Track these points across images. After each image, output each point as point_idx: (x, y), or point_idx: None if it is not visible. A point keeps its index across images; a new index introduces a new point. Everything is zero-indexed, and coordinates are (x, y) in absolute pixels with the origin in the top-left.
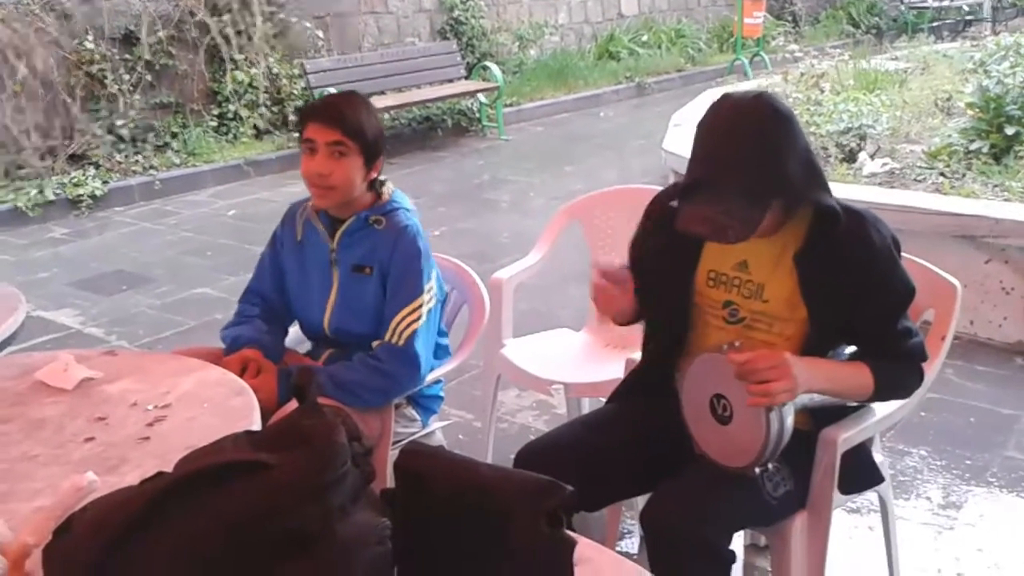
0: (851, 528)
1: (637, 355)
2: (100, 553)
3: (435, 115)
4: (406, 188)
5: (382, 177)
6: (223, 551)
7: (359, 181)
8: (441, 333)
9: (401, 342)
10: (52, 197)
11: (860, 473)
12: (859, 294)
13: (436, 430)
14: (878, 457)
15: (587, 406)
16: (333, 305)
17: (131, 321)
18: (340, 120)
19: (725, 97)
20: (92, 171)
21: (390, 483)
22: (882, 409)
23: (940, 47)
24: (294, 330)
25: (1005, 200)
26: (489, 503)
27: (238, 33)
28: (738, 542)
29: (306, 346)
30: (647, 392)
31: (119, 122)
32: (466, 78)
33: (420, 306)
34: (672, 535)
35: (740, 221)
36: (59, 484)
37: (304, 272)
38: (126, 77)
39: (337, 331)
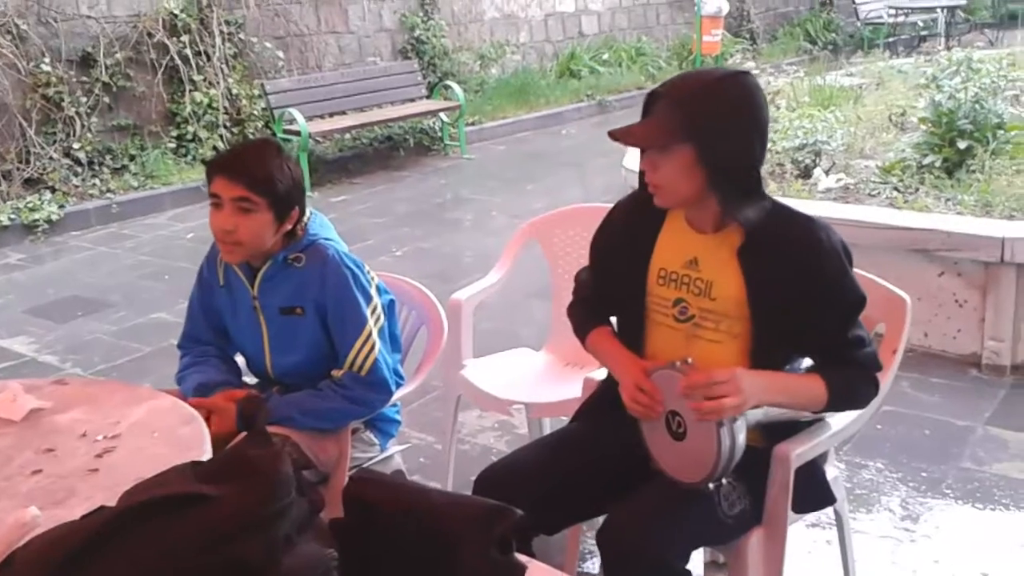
0: (809, 543)
1: (595, 373)
2: None
3: (397, 134)
4: (368, 208)
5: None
6: None
7: (269, 236)
8: (395, 347)
9: (364, 372)
10: (7, 222)
11: (812, 492)
12: (807, 296)
13: (395, 454)
14: (833, 472)
15: (548, 425)
16: (270, 348)
17: (86, 348)
18: (246, 174)
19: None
20: (48, 195)
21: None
22: (835, 423)
23: (895, 63)
24: (240, 361)
25: (957, 214)
26: (438, 530)
27: (197, 54)
28: (697, 559)
29: (252, 379)
30: (609, 411)
31: (76, 145)
32: (428, 97)
33: (370, 334)
34: (628, 555)
35: (649, 131)
36: (3, 519)
37: (236, 315)
38: (83, 99)
39: (282, 374)
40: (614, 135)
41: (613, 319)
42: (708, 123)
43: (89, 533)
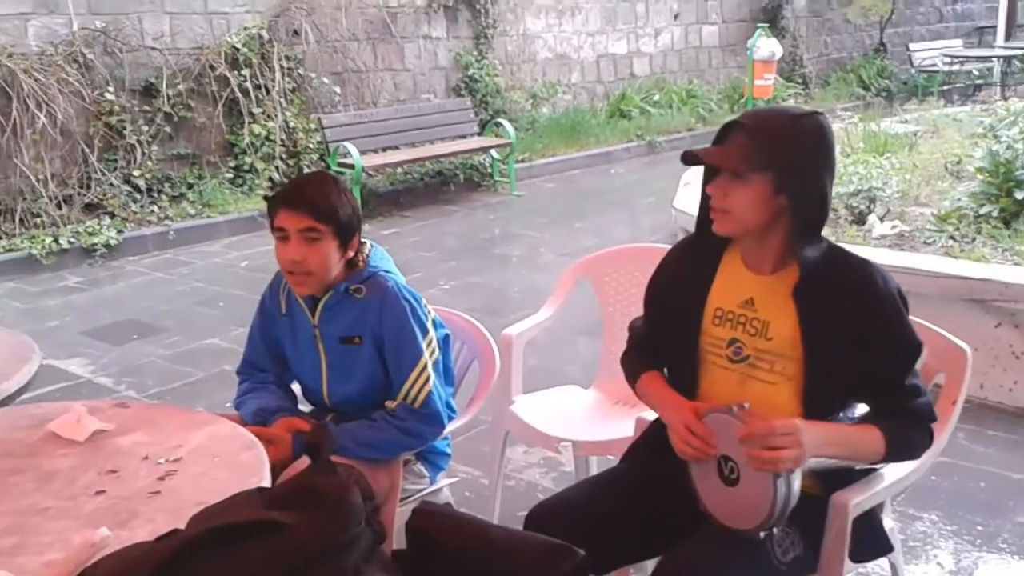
0: None
1: (647, 413)
2: None
3: (447, 170)
4: (418, 242)
5: (367, 244)
6: None
7: (335, 263)
8: (448, 380)
9: (418, 404)
10: (67, 245)
11: (870, 541)
12: (862, 339)
13: (444, 487)
14: (888, 523)
15: (595, 464)
16: (327, 377)
17: (141, 371)
18: (310, 206)
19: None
20: (107, 220)
21: (398, 542)
22: (893, 473)
23: (950, 111)
24: (296, 388)
25: (1015, 264)
26: (500, 565)
27: (257, 87)
28: None
29: (307, 407)
30: (660, 452)
31: (136, 172)
32: (479, 134)
33: (425, 367)
34: None
35: (726, 154)
36: (70, 538)
37: (296, 344)
38: (145, 128)
39: (338, 402)
40: (689, 156)
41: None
42: (788, 155)
43: (163, 557)
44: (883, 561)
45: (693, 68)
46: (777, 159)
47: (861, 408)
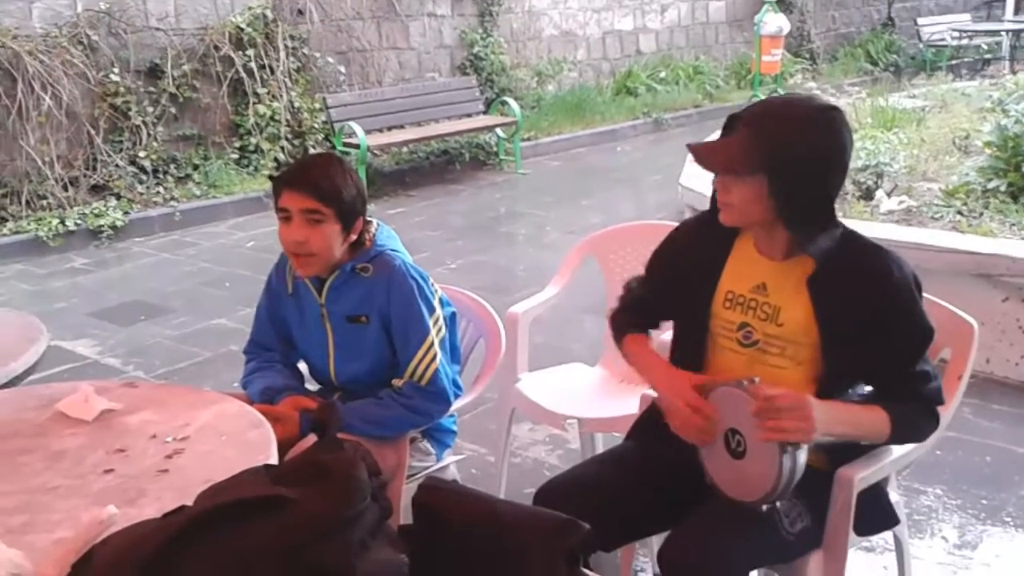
0: (866, 567)
1: (652, 391)
2: None
3: (453, 149)
4: (424, 221)
5: (373, 223)
6: None
7: (338, 245)
8: (455, 358)
9: (425, 382)
10: (73, 227)
11: (876, 514)
12: (876, 328)
13: (450, 464)
14: (894, 497)
15: (601, 441)
16: (335, 356)
17: (148, 352)
18: (314, 187)
19: (812, 93)
20: (113, 202)
21: (404, 518)
22: (898, 448)
23: (958, 85)
24: (303, 367)
25: (1022, 239)
26: (507, 540)
27: (261, 67)
28: None
29: (314, 386)
30: (665, 427)
31: (141, 154)
32: (484, 113)
33: (432, 344)
34: (689, 573)
35: (726, 156)
36: (79, 516)
37: (303, 323)
38: (150, 109)
39: (345, 380)
40: (692, 149)
41: (653, 332)
42: (785, 158)
43: (170, 533)
44: (888, 535)
45: (700, 44)
46: (772, 163)
47: (868, 387)
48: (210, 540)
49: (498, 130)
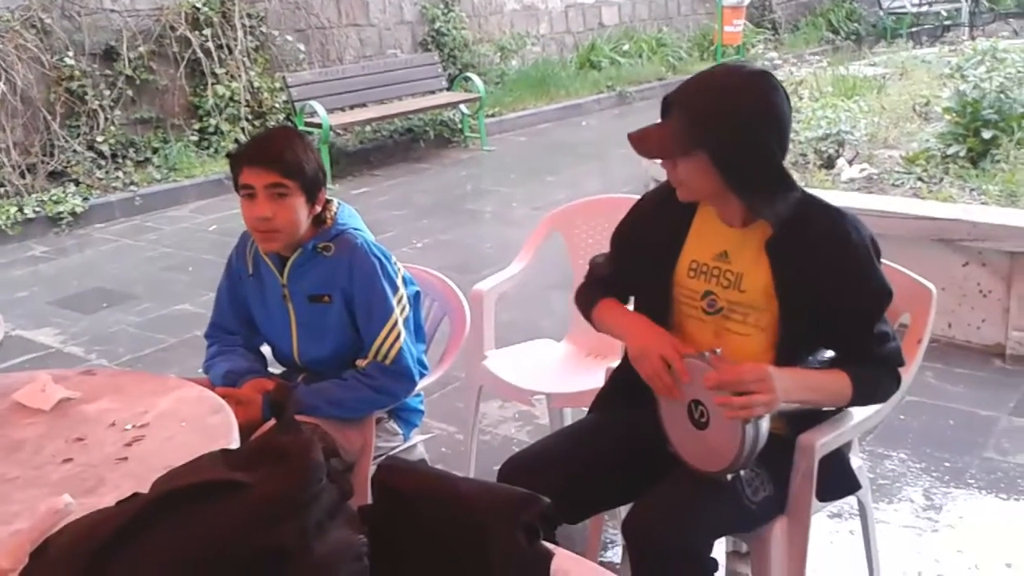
0: (832, 532)
1: (617, 364)
2: (79, 572)
3: (417, 126)
4: (389, 200)
5: (335, 202)
6: (200, 570)
7: (303, 219)
8: (419, 337)
9: (389, 362)
10: (32, 215)
11: (837, 480)
12: (835, 291)
13: (418, 444)
14: (856, 462)
15: (570, 416)
16: (297, 336)
17: (111, 339)
18: (277, 161)
19: (740, 61)
20: (72, 188)
21: (372, 498)
22: (859, 414)
23: (918, 52)
24: (267, 351)
25: (982, 204)
26: (466, 517)
27: (219, 47)
28: (719, 549)
29: (278, 368)
30: (629, 398)
31: (99, 138)
32: (448, 89)
33: (395, 323)
34: (654, 544)
35: (662, 141)
36: (36, 507)
37: (264, 305)
38: (107, 93)
39: (309, 361)
40: (631, 138)
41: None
42: (720, 131)
43: (124, 520)
44: (853, 500)
45: (662, 16)
46: (709, 139)
47: (829, 352)
48: (163, 526)
49: (462, 106)
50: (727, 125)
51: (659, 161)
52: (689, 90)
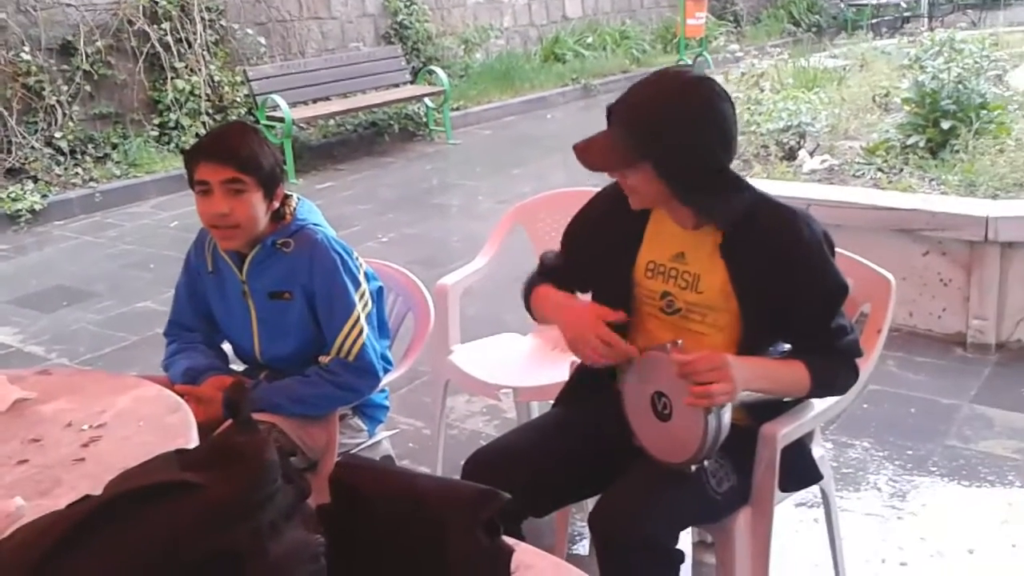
0: (796, 521)
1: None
2: None
3: (381, 120)
4: (354, 195)
5: (294, 197)
6: (152, 573)
7: (261, 215)
8: (383, 333)
9: (352, 358)
10: None
11: (799, 470)
12: (790, 289)
13: (384, 440)
14: (818, 452)
15: (537, 409)
16: (258, 334)
17: (72, 338)
18: (233, 156)
19: (683, 66)
20: (30, 185)
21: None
22: (820, 404)
23: (879, 44)
24: (228, 348)
25: (942, 194)
26: (425, 514)
27: (178, 41)
28: (686, 539)
29: (240, 366)
30: (592, 393)
31: (58, 134)
32: (412, 83)
33: (357, 319)
34: (620, 536)
35: (606, 154)
36: None
37: (224, 301)
38: (64, 88)
39: (271, 359)
40: (576, 151)
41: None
42: (661, 140)
43: (74, 522)
44: (817, 489)
45: (625, 9)
46: (651, 151)
47: (787, 346)
48: (113, 529)
49: (426, 100)
50: (669, 136)
51: None
52: (631, 100)
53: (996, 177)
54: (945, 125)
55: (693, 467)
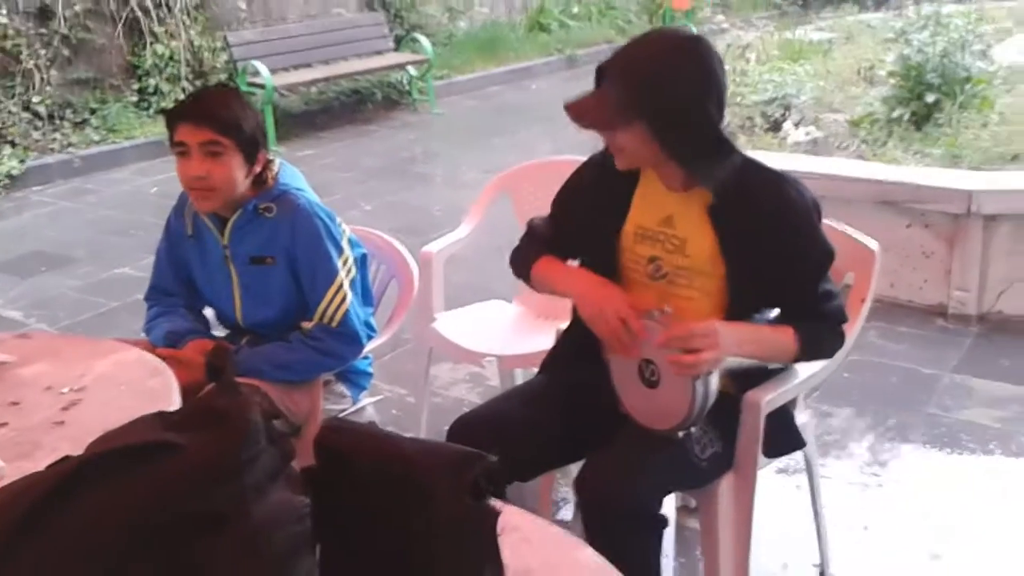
0: (779, 488)
1: (567, 325)
2: (4, 538)
3: (364, 88)
4: (336, 163)
5: (276, 162)
6: (133, 534)
7: (241, 179)
8: (367, 300)
9: (335, 324)
10: None
11: (783, 437)
12: (778, 253)
13: (367, 406)
14: (801, 419)
15: (520, 377)
16: (240, 299)
17: (51, 303)
18: (212, 118)
19: (675, 26)
20: (8, 150)
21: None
22: (804, 371)
23: (864, 17)
24: (209, 313)
25: (925, 166)
26: (411, 477)
27: (157, 5)
28: (669, 505)
29: (221, 331)
30: (578, 359)
31: (36, 99)
32: (395, 50)
33: (341, 285)
34: (605, 501)
35: (599, 111)
36: None
37: (205, 266)
38: (42, 52)
39: (253, 324)
40: (567, 108)
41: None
42: (656, 98)
43: (53, 483)
44: (799, 456)
45: None
46: (645, 109)
47: (774, 312)
48: (95, 488)
49: (410, 68)
50: (663, 94)
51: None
52: (624, 58)
53: (979, 151)
54: (930, 98)
55: (680, 433)
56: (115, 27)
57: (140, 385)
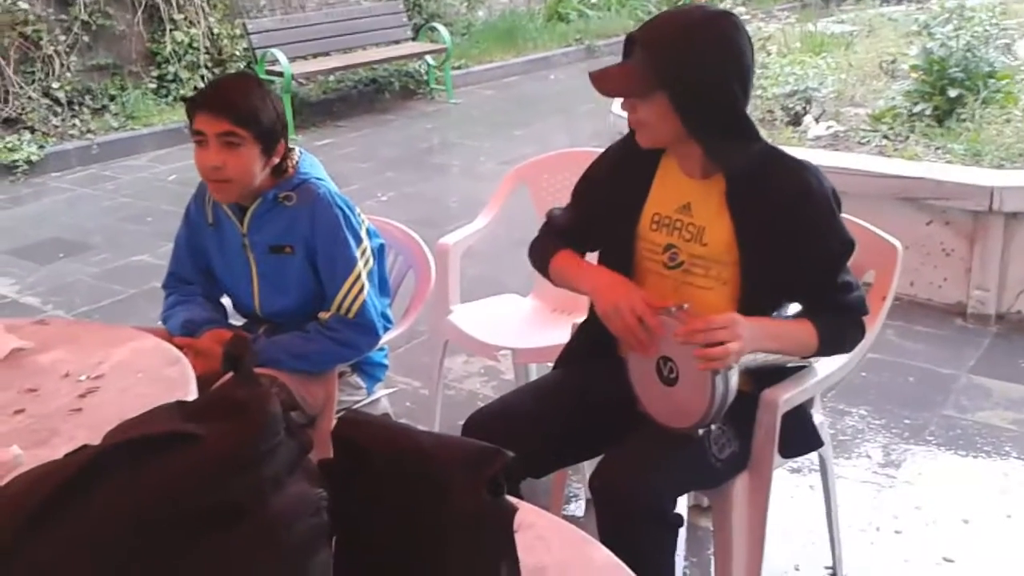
0: (792, 487)
1: (583, 319)
2: (20, 528)
3: (382, 77)
4: (353, 152)
5: (296, 151)
6: (150, 524)
7: (257, 171)
8: (384, 291)
9: (352, 315)
10: None
11: (800, 436)
12: (797, 241)
13: (382, 398)
14: (818, 418)
15: (535, 372)
16: (259, 288)
17: (68, 290)
18: (230, 109)
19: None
20: (27, 136)
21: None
22: (822, 369)
23: (886, 10)
24: (227, 302)
25: (947, 162)
26: (428, 471)
27: None
28: (682, 503)
29: (239, 320)
30: (593, 354)
31: (55, 85)
32: (413, 39)
33: (359, 276)
34: (620, 499)
35: (623, 79)
36: None
37: (224, 255)
38: (62, 38)
39: (271, 313)
40: (592, 77)
41: (590, 256)
42: (682, 70)
43: (71, 472)
44: (814, 456)
45: None
46: (669, 79)
47: (793, 308)
48: (113, 477)
49: (428, 58)
50: (687, 65)
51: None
52: (652, 29)
53: (1002, 147)
54: (952, 93)
55: (700, 431)
56: (135, 14)
57: (157, 373)
